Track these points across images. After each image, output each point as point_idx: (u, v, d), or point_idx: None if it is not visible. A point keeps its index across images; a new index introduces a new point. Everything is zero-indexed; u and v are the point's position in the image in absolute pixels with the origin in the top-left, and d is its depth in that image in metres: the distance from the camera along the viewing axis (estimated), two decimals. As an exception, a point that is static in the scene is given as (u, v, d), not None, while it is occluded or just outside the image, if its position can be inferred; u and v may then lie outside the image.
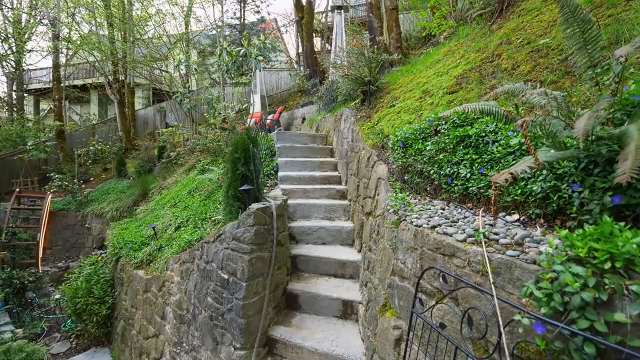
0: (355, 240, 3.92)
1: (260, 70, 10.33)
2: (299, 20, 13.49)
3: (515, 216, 1.93)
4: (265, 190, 4.59)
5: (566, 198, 1.71)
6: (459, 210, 2.23)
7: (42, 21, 15.01)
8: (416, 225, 2.08)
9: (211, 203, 5.14)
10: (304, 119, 10.26)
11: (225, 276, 3.08)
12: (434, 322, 1.73)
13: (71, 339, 6.18)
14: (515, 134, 2.27)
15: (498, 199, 2.07)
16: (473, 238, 1.70)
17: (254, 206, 3.12)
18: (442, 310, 1.73)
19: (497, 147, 2.28)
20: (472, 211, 2.17)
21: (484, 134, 2.48)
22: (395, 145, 3.17)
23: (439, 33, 7.53)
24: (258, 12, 18.26)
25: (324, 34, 16.80)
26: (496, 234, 1.71)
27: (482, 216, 2.04)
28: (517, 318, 1.26)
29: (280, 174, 5.26)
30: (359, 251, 3.75)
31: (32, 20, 15.31)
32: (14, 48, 15.03)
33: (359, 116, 5.08)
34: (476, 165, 2.32)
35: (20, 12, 15.34)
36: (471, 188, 2.25)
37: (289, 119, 10.95)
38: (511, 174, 1.35)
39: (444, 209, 2.28)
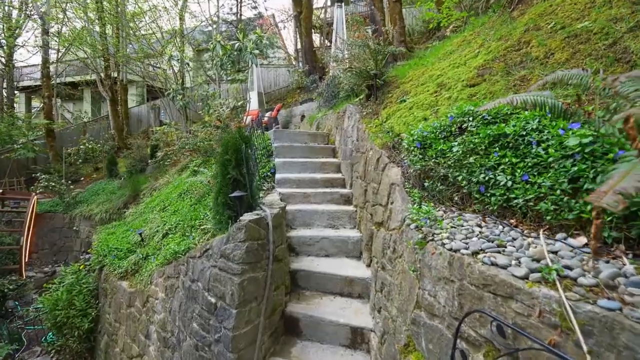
0: (364, 253, 3.46)
1: (257, 66, 9.86)
2: (298, 16, 12.99)
3: (582, 239, 1.49)
4: (261, 195, 4.12)
5: (660, 219, 1.27)
6: (500, 227, 1.78)
7: (32, 16, 14.43)
8: (450, 249, 1.63)
9: (202, 208, 4.68)
10: (303, 116, 9.78)
11: (213, 300, 2.62)
12: (484, 386, 1.29)
13: (52, 354, 5.70)
14: (566, 132, 1.82)
15: (556, 215, 1.62)
16: (539, 274, 1.25)
17: (246, 217, 2.65)
18: (495, 371, 1.28)
19: (545, 149, 1.83)
20: (518, 230, 1.72)
21: (524, 133, 2.02)
22: (412, 145, 2.71)
23: (448, 24, 7.08)
24: (255, 7, 17.71)
25: (323, 30, 16.30)
26: (568, 267, 1.26)
27: (535, 238, 1.60)
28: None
29: (277, 176, 4.79)
30: (368, 265, 3.29)
31: (22, 15, 14.73)
32: (3, 42, 14.45)
33: (364, 113, 4.62)
34: (518, 171, 1.87)
35: (11, 7, 14.76)
36: (515, 200, 1.80)
37: (287, 116, 10.48)
38: (621, 193, 0.90)
39: (480, 226, 1.83)
